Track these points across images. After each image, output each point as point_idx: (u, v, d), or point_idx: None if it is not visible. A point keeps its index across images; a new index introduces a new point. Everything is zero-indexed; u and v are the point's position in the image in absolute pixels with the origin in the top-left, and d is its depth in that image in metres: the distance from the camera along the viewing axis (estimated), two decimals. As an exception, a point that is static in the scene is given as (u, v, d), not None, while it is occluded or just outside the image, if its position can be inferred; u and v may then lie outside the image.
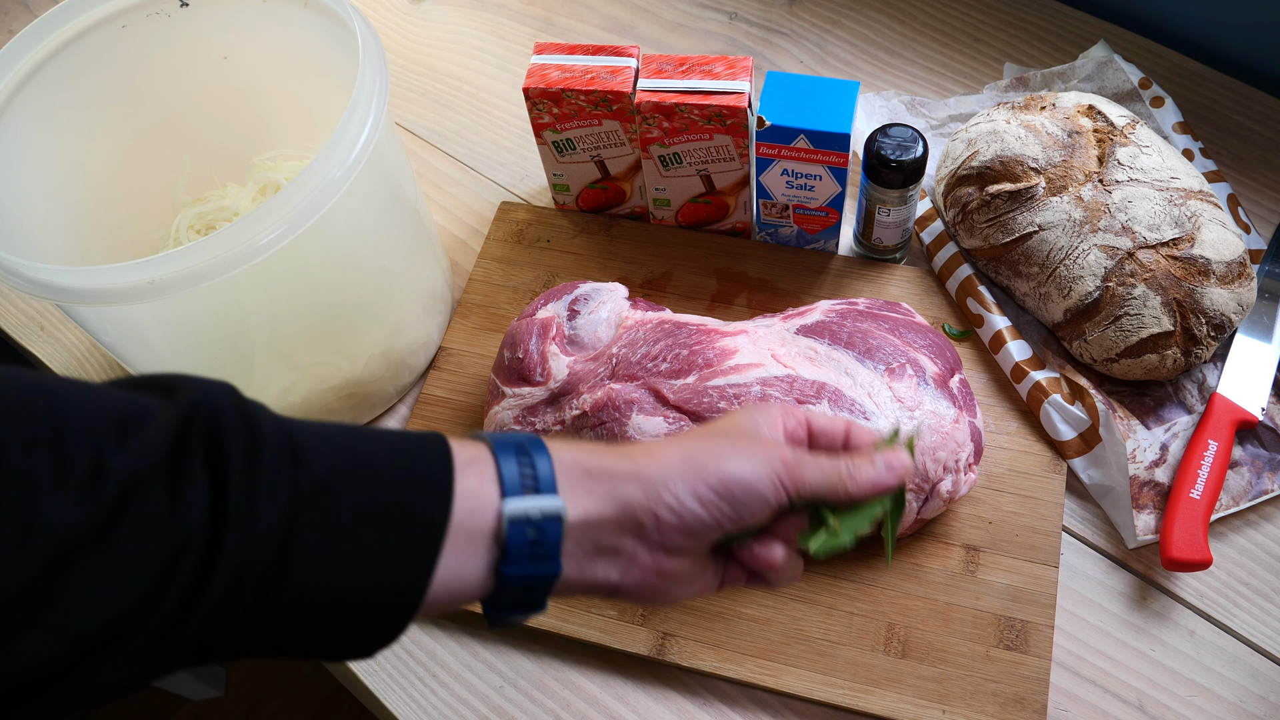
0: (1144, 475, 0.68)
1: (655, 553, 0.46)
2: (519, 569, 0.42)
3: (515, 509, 0.42)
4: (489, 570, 0.42)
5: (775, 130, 0.71)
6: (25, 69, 0.67)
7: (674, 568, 0.46)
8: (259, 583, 0.37)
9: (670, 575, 0.47)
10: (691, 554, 0.47)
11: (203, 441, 0.37)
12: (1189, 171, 0.72)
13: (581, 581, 0.45)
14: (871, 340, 0.66)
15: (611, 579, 0.46)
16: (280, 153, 0.83)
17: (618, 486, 0.45)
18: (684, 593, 0.49)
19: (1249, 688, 0.63)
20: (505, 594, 0.43)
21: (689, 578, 0.48)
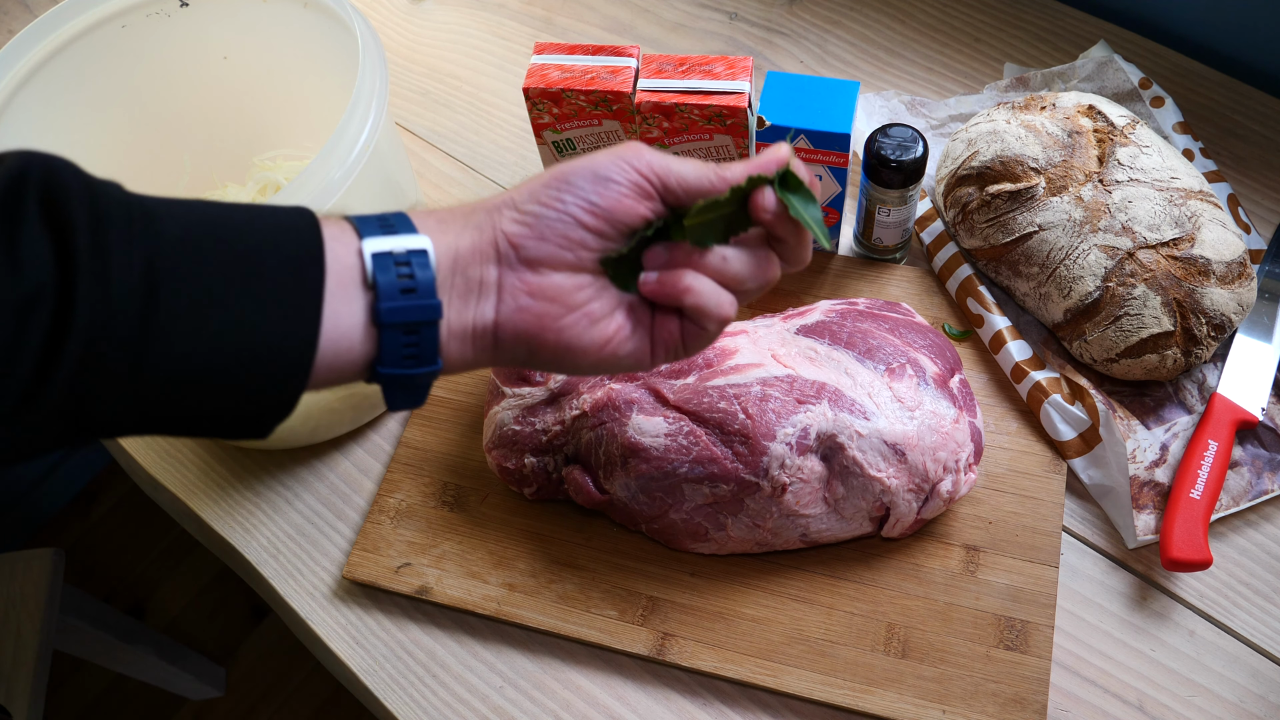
0: (1144, 475, 0.68)
1: (522, 273, 0.43)
2: (394, 303, 0.40)
3: (376, 246, 0.41)
4: (368, 317, 0.40)
5: (775, 130, 0.71)
6: (25, 69, 0.67)
7: (550, 287, 0.43)
8: (125, 349, 0.35)
9: (551, 298, 0.43)
10: (566, 267, 0.44)
11: (38, 198, 0.35)
12: (1189, 171, 0.72)
13: (464, 327, 0.43)
14: (871, 340, 0.66)
15: (487, 317, 0.43)
16: (280, 153, 0.83)
17: (470, 217, 0.44)
18: (591, 336, 0.45)
19: (1249, 688, 0.63)
20: (391, 344, 0.41)
21: (583, 309, 0.44)
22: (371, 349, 0.41)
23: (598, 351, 0.45)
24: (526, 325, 0.44)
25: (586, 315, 0.45)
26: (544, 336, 0.44)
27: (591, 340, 0.45)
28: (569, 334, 0.44)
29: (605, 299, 0.45)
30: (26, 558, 1.11)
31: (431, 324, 0.42)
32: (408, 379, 0.42)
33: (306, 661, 1.51)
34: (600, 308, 0.45)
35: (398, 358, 0.41)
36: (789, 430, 0.62)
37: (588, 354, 0.45)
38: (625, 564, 0.68)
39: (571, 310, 0.44)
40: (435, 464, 0.74)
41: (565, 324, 0.44)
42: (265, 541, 0.74)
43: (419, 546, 0.70)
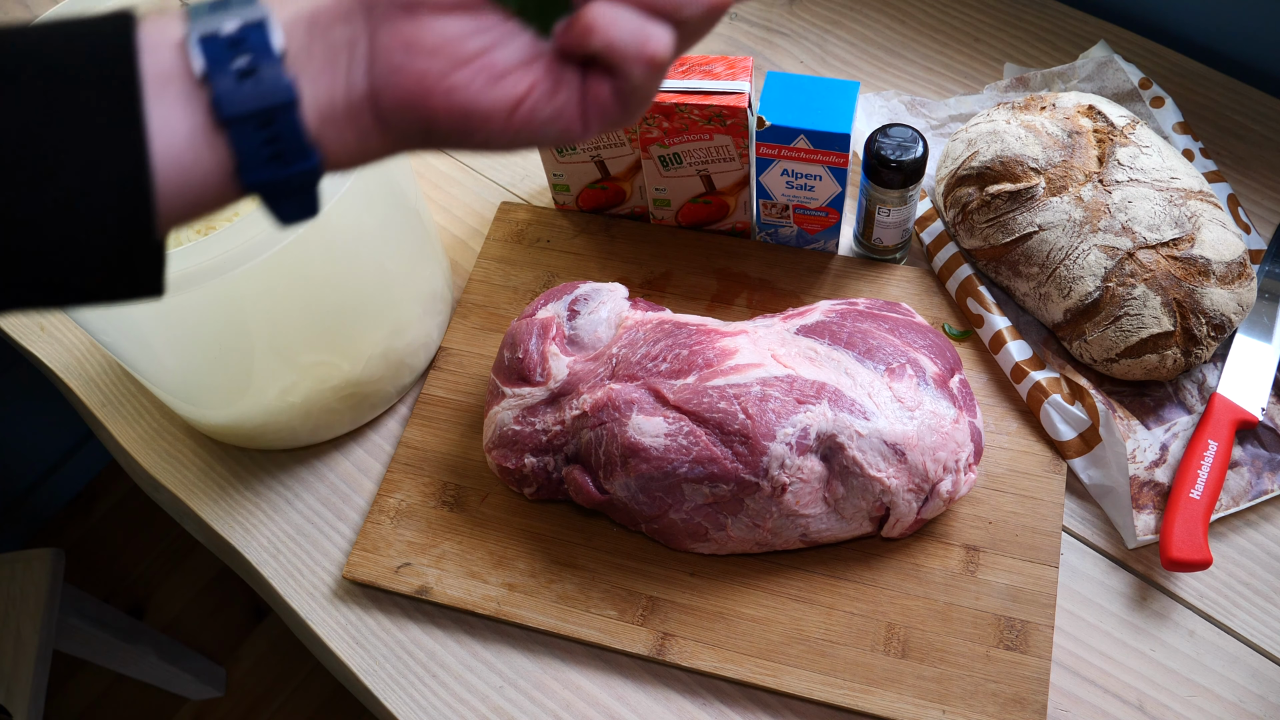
0: (1144, 475, 0.68)
1: (397, 22, 0.35)
2: (232, 92, 0.33)
3: (204, 29, 0.33)
4: (208, 117, 0.33)
5: (775, 130, 0.71)
6: (25, 69, 0.67)
7: (431, 36, 0.35)
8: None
9: (433, 50, 0.35)
10: (450, 7, 0.35)
11: None
12: (1189, 172, 0.72)
13: (334, 104, 0.35)
14: (871, 340, 0.66)
15: (359, 86, 0.35)
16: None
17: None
18: (495, 96, 0.36)
19: (1249, 688, 0.63)
20: (244, 143, 0.34)
21: (478, 61, 0.35)
22: (226, 155, 0.34)
23: (506, 116, 0.36)
24: (408, 89, 0.35)
25: (485, 69, 0.36)
26: (431, 101, 0.35)
27: (496, 101, 0.36)
28: (463, 94, 0.35)
29: (512, 47, 0.36)
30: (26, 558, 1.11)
31: (287, 108, 0.34)
32: (282, 183, 0.35)
33: (306, 661, 1.51)
34: (505, 58, 0.36)
35: (258, 160, 0.34)
36: (789, 430, 0.62)
37: (493, 119, 0.36)
38: (625, 564, 0.68)
39: (463, 64, 0.35)
40: (435, 464, 0.74)
41: (457, 82, 0.35)
42: (265, 541, 0.74)
43: (419, 546, 0.70)
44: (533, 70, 0.36)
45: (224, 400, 0.71)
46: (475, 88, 0.35)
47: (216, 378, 0.69)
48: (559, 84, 0.37)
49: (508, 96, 0.36)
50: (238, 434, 0.75)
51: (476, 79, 0.35)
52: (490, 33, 0.36)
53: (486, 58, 0.36)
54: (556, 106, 0.37)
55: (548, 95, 0.36)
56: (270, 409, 0.71)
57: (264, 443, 0.76)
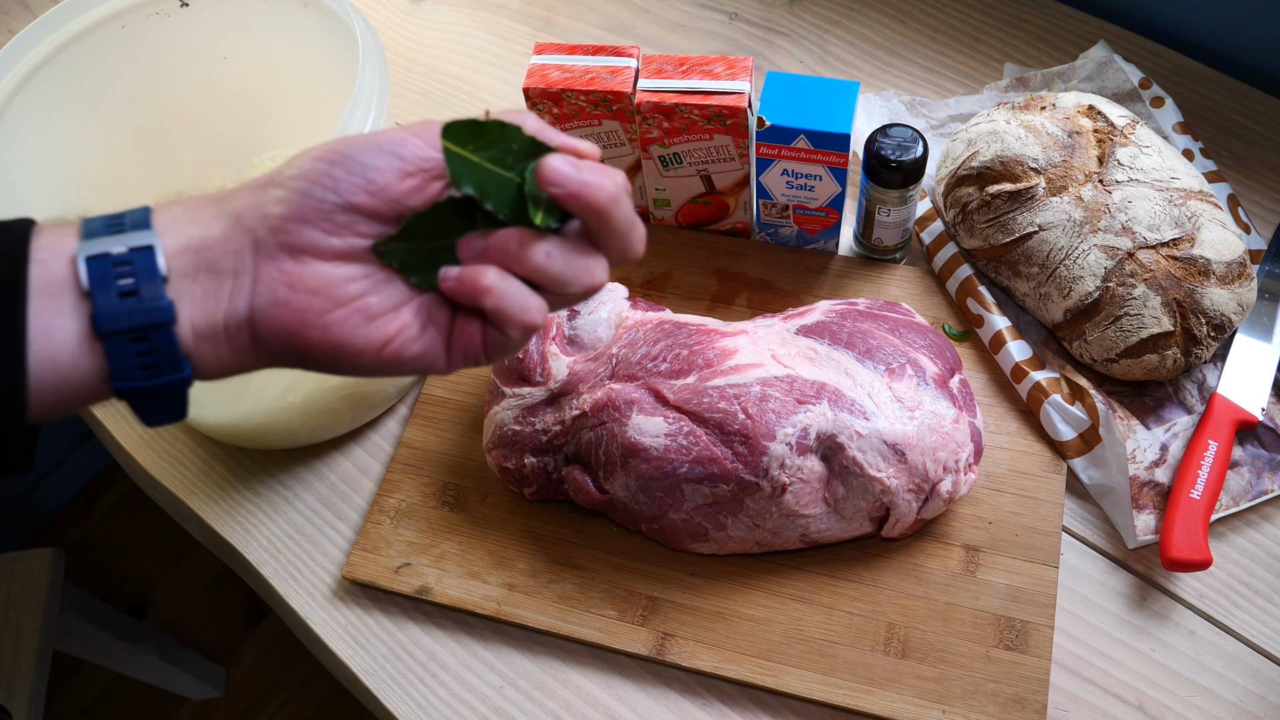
0: (1144, 475, 0.68)
1: (282, 261, 0.38)
2: (112, 309, 0.36)
3: (94, 249, 0.36)
4: (88, 328, 0.36)
5: (775, 130, 0.71)
6: (25, 69, 0.67)
7: (313, 278, 0.38)
8: None
9: (314, 290, 0.38)
10: (333, 255, 0.38)
11: None
12: (1189, 172, 0.72)
13: (213, 325, 0.38)
14: (871, 340, 0.66)
15: (239, 312, 0.38)
16: (280, 153, 0.83)
17: (228, 202, 0.38)
18: (366, 335, 0.39)
19: (1249, 688, 0.63)
20: (119, 355, 0.36)
21: (354, 304, 0.39)
22: (101, 363, 0.37)
23: (376, 353, 0.39)
24: (287, 322, 0.38)
25: (360, 311, 0.39)
26: (308, 334, 0.39)
27: (367, 340, 0.39)
28: (337, 331, 0.39)
29: (387, 293, 0.40)
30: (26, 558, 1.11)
31: (163, 327, 0.37)
32: (151, 391, 0.38)
33: (306, 661, 1.51)
34: (379, 302, 0.39)
35: (131, 369, 0.37)
36: (789, 430, 0.62)
37: (364, 355, 0.40)
38: (625, 564, 0.68)
39: (340, 305, 0.38)
40: (435, 464, 0.74)
41: (333, 320, 0.38)
42: (265, 541, 0.74)
43: (419, 546, 0.70)
44: (403, 313, 0.40)
45: (224, 400, 0.71)
46: (349, 326, 0.39)
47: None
48: (426, 326, 0.40)
49: (379, 336, 0.39)
50: (238, 434, 0.75)
51: (351, 319, 0.39)
52: (369, 279, 0.39)
53: (363, 301, 0.39)
54: (424, 345, 0.40)
55: (415, 336, 0.40)
56: (270, 409, 0.71)
57: (264, 443, 0.76)
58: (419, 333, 0.40)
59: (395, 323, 0.40)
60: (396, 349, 0.40)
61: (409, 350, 0.40)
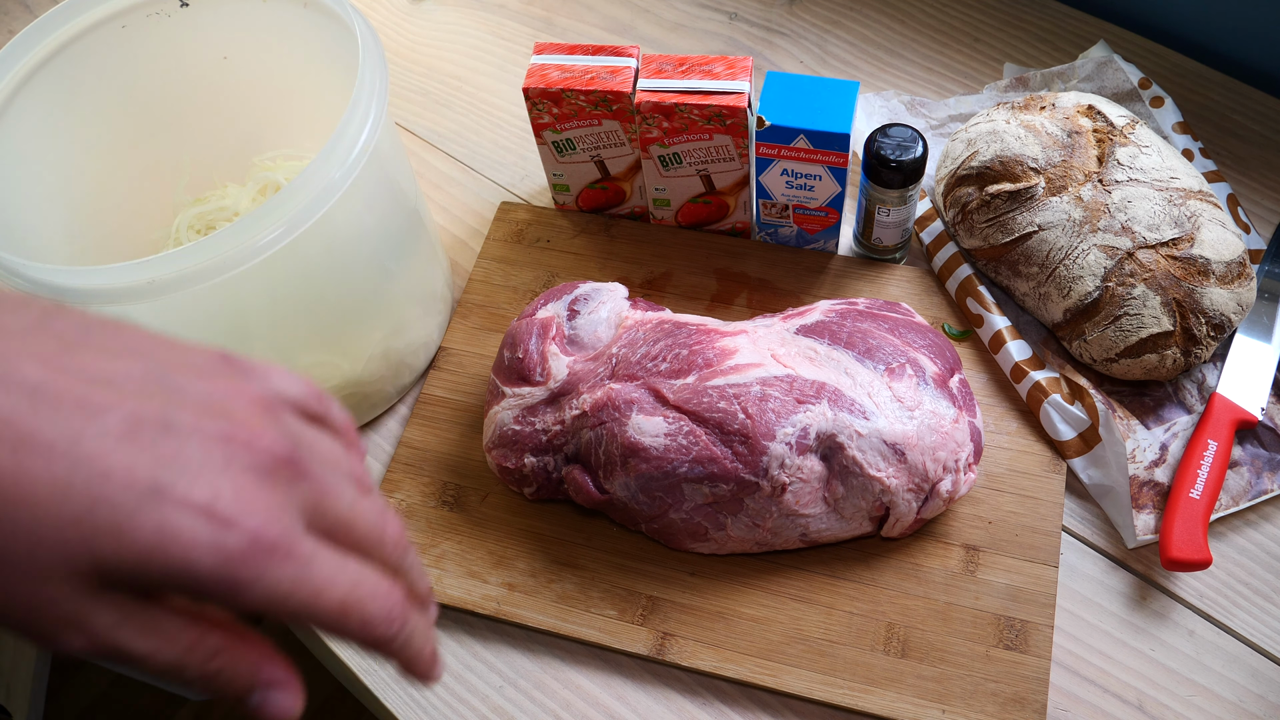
0: (1144, 475, 0.68)
1: None
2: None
3: None
4: None
5: (775, 130, 0.71)
6: (25, 69, 0.67)
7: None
8: None
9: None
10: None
11: None
12: (1189, 171, 0.72)
13: None
14: (871, 340, 0.66)
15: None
16: (280, 153, 0.83)
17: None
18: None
19: (1249, 688, 0.63)
20: None
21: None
22: None
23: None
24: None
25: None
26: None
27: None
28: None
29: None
30: (27, 558, 1.11)
31: None
32: None
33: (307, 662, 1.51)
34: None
35: None
36: (789, 430, 0.62)
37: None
38: (625, 564, 0.68)
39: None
40: (435, 464, 0.74)
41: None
42: (265, 541, 0.74)
43: (419, 546, 0.70)
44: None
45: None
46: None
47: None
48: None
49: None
50: (238, 434, 0.75)
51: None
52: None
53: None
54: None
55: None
56: (270, 409, 0.71)
57: (264, 443, 0.76)
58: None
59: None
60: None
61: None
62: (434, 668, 0.37)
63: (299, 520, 0.32)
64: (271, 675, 0.33)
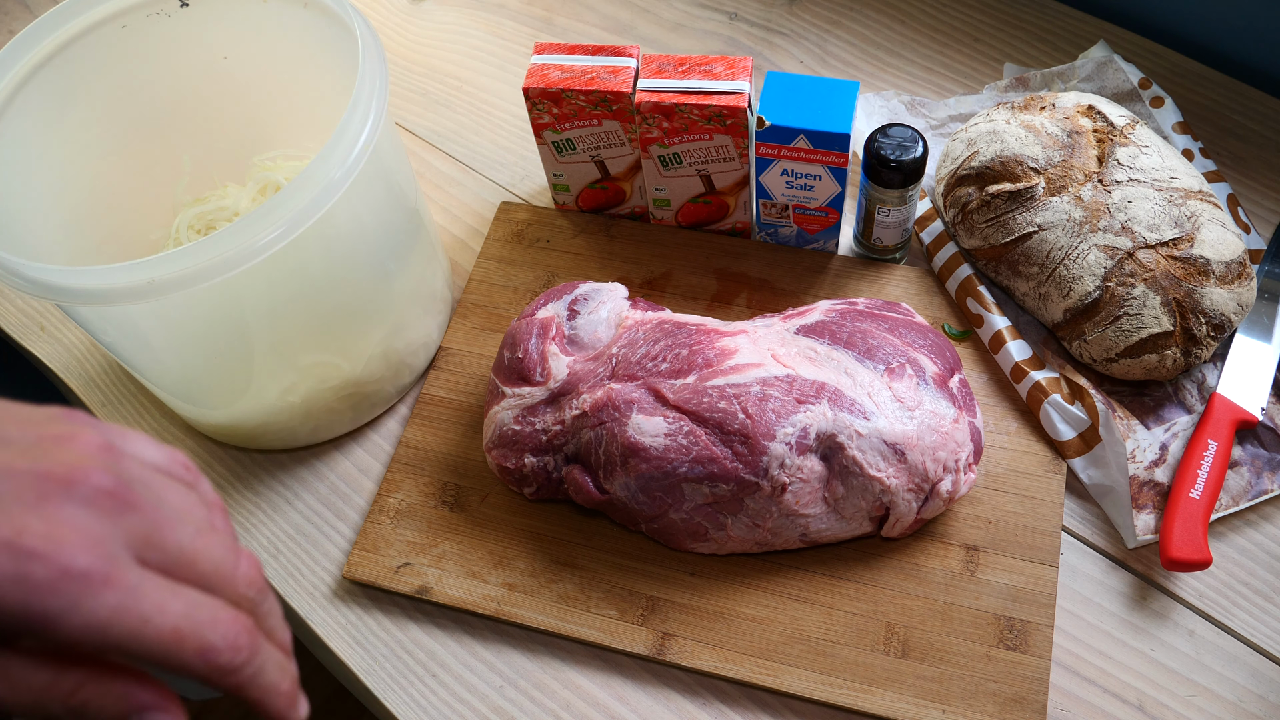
0: (1144, 475, 0.68)
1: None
2: None
3: None
4: None
5: (775, 130, 0.71)
6: (25, 69, 0.67)
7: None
8: None
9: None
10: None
11: None
12: (1189, 171, 0.72)
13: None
14: (871, 340, 0.66)
15: None
16: (280, 153, 0.83)
17: None
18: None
19: (1249, 688, 0.63)
20: None
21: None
22: None
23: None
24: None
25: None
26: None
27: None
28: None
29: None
30: (26, 558, 1.11)
31: None
32: None
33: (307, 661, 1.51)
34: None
35: None
36: (789, 430, 0.62)
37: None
38: (625, 564, 0.68)
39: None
40: (435, 464, 0.74)
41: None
42: (265, 541, 0.74)
43: (419, 546, 0.70)
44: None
45: (224, 400, 0.71)
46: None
47: (216, 378, 0.69)
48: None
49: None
50: (238, 434, 0.75)
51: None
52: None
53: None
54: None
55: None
56: (270, 409, 0.71)
57: (264, 443, 0.76)
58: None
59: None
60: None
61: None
62: (293, 709, 0.36)
63: (124, 552, 0.31)
64: (143, 700, 0.33)
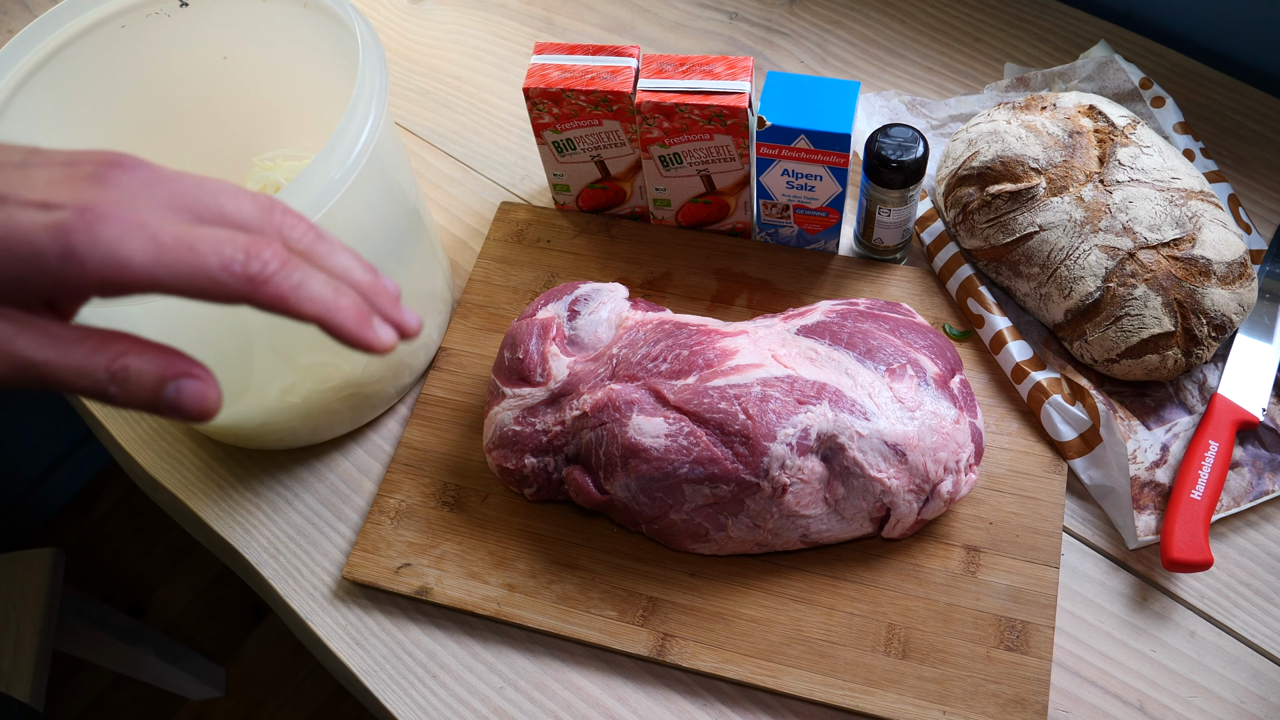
0: (1145, 476, 0.68)
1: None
2: None
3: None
4: None
5: (775, 130, 0.71)
6: (25, 69, 0.67)
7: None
8: None
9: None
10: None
11: None
12: (1190, 172, 0.72)
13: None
14: (872, 341, 0.66)
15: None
16: (280, 153, 0.83)
17: None
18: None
19: (1250, 689, 0.63)
20: None
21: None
22: None
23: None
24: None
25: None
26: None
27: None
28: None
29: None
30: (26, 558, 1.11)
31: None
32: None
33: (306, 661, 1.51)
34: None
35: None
36: (789, 431, 0.62)
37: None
38: (625, 564, 0.68)
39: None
40: (435, 464, 0.74)
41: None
42: (265, 542, 0.74)
43: (419, 547, 0.70)
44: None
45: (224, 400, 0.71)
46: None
47: (216, 378, 0.69)
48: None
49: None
50: (237, 434, 0.75)
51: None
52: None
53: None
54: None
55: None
56: (270, 409, 0.71)
57: (264, 443, 0.76)
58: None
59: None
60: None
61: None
62: (365, 327, 0.36)
63: (143, 205, 0.34)
64: (180, 367, 0.35)
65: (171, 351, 0.36)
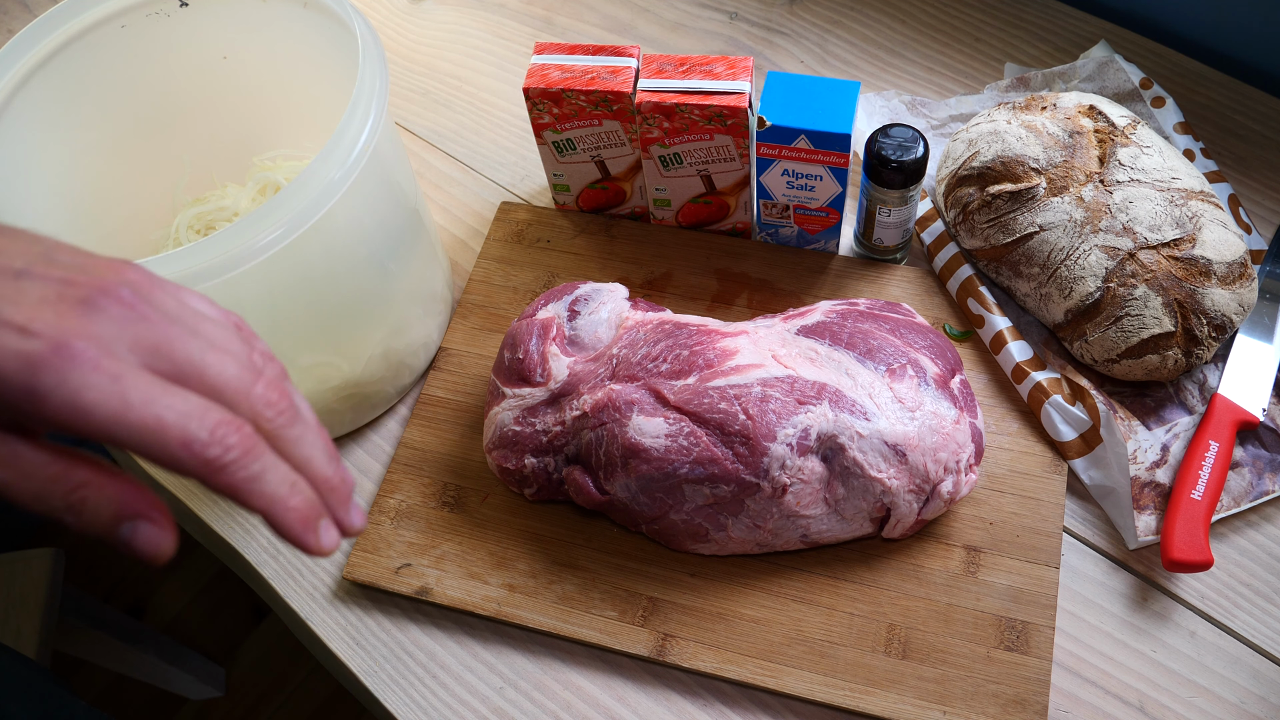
0: (1145, 476, 0.68)
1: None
2: None
3: None
4: None
5: (776, 130, 0.71)
6: (25, 69, 0.67)
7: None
8: None
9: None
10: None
11: None
12: (1190, 172, 0.72)
13: None
14: (872, 341, 0.66)
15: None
16: (280, 153, 0.83)
17: None
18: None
19: (1250, 689, 0.63)
20: None
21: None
22: None
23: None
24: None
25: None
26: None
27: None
28: None
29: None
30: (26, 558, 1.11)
31: None
32: None
33: (306, 661, 1.51)
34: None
35: None
36: (789, 431, 0.62)
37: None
38: (625, 565, 0.68)
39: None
40: (435, 464, 0.74)
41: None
42: (265, 542, 0.74)
43: (419, 547, 0.70)
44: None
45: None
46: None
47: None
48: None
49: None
50: (238, 434, 0.75)
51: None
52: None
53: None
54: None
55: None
56: (270, 409, 0.71)
57: (264, 443, 0.76)
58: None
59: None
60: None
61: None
62: (308, 530, 0.35)
63: (126, 352, 0.33)
64: (137, 507, 0.34)
65: (133, 487, 0.34)
